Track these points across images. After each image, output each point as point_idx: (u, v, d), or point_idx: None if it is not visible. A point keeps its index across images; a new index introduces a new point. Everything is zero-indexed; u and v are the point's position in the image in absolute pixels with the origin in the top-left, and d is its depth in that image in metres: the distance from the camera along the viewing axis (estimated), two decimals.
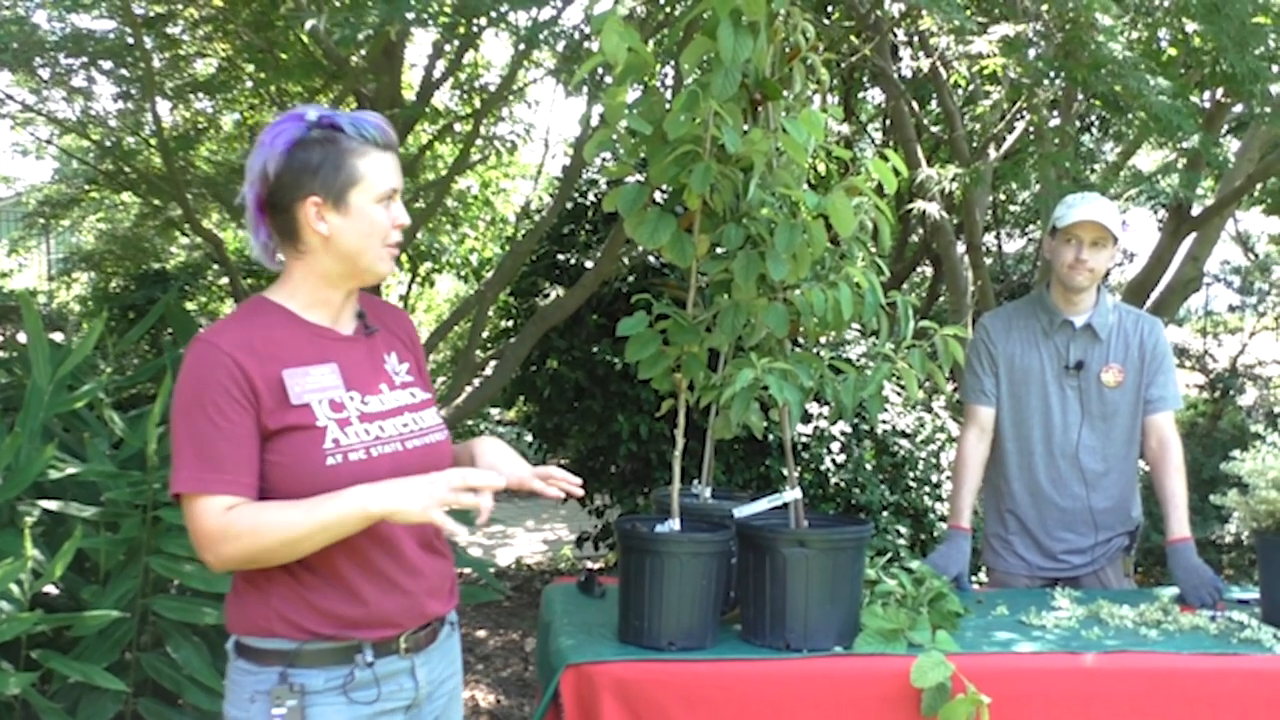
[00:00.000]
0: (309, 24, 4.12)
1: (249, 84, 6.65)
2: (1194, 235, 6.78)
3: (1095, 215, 3.22)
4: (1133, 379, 3.34)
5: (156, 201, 7.40)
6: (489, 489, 1.87)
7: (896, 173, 2.51)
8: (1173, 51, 5.14)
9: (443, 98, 7.28)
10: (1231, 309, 10.57)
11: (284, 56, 5.86)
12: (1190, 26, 4.52)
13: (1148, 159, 9.97)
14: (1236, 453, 2.87)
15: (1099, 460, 3.36)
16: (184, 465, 1.85)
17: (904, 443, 6.00)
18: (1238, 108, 6.27)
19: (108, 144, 6.93)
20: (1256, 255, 10.71)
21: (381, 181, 1.94)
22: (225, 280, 8.45)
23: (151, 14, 5.62)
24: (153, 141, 6.55)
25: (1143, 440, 3.38)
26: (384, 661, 1.96)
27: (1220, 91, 5.92)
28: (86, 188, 8.24)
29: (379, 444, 1.95)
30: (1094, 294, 3.36)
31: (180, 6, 5.74)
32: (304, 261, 1.97)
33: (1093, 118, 8.86)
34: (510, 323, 7.10)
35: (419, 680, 2.02)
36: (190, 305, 8.68)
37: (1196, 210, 6.78)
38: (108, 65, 5.94)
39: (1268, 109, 4.41)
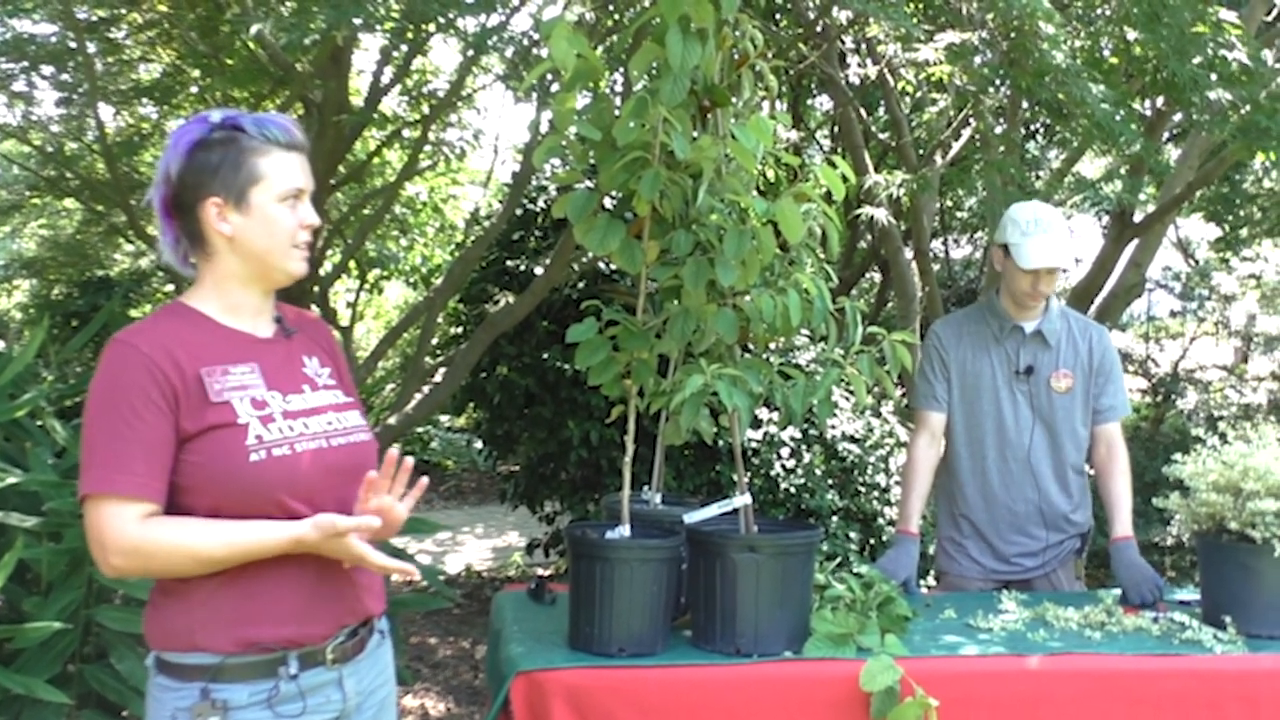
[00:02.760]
0: (254, 29, 4.07)
1: (194, 89, 6.57)
2: (1136, 241, 6.86)
3: (1053, 261, 3.22)
4: (1081, 385, 3.39)
5: (100, 208, 7.30)
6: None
7: (845, 179, 2.53)
8: (1114, 60, 5.20)
9: (391, 103, 7.23)
10: (1173, 314, 10.70)
11: (229, 62, 5.80)
12: (1131, 35, 4.58)
13: (1091, 166, 10.13)
14: (1178, 456, 2.90)
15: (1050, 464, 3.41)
16: (94, 466, 1.81)
17: (853, 448, 6.02)
18: (1178, 115, 6.37)
19: (50, 149, 6.84)
20: (1197, 261, 10.87)
21: (284, 180, 1.93)
22: (170, 287, 8.35)
23: (94, 18, 5.54)
24: (96, 147, 6.46)
25: (1091, 446, 3.43)
26: (310, 674, 1.92)
27: (1161, 99, 6.01)
28: (28, 193, 8.12)
29: (303, 440, 1.92)
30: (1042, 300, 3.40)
31: (124, 11, 5.66)
32: (213, 264, 1.97)
33: (1037, 125, 8.97)
34: (460, 329, 7.06)
35: (346, 691, 1.98)
36: (135, 313, 8.58)
37: (1139, 216, 6.88)
38: (49, 70, 5.86)
39: (1207, 116, 4.48)
